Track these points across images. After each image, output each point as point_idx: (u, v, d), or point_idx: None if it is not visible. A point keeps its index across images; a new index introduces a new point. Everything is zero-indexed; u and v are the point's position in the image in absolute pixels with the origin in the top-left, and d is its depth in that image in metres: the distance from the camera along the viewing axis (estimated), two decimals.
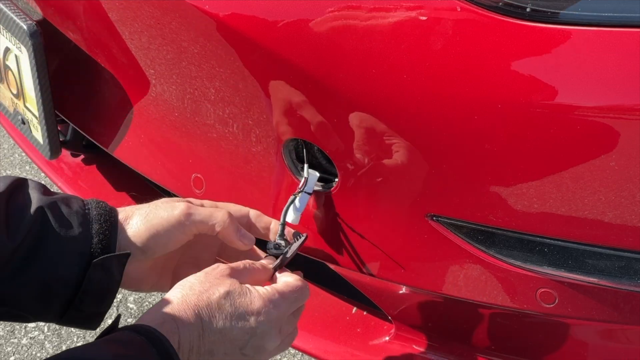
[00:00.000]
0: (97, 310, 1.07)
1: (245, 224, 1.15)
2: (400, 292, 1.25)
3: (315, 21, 1.05)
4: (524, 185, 1.03)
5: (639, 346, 1.22)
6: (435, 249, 1.13)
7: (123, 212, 1.10)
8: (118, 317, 1.01)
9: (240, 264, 1.07)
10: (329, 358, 1.34)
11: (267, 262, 1.11)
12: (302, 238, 1.12)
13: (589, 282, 1.08)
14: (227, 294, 1.01)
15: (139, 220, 1.08)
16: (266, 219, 1.15)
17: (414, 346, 1.32)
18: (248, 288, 1.03)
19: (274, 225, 1.15)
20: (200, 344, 0.98)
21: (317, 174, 1.15)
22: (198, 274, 1.03)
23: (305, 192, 1.15)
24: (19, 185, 1.07)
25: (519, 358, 1.28)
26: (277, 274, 1.10)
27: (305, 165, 1.16)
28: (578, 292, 1.09)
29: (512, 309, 1.14)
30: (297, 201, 1.15)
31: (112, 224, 1.07)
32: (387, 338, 1.35)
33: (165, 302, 0.99)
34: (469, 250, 1.11)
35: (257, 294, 1.03)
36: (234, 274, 1.04)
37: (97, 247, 1.05)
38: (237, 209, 1.15)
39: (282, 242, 1.13)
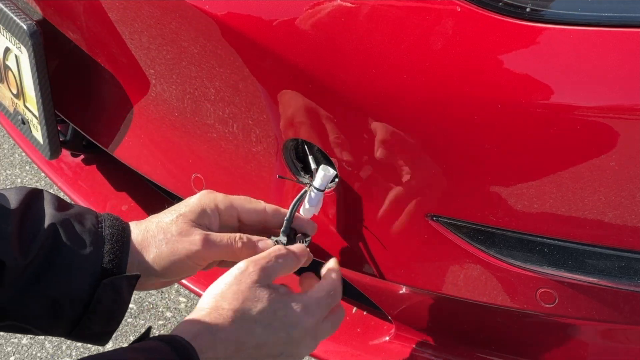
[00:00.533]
0: (106, 329, 1.07)
1: (261, 219, 1.14)
2: (400, 292, 1.25)
3: (315, 21, 1.05)
4: (524, 185, 1.03)
5: (639, 346, 1.22)
6: (435, 249, 1.13)
7: (138, 232, 1.09)
8: (149, 328, 1.02)
9: (265, 259, 1.05)
10: (328, 358, 1.34)
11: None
12: (307, 242, 1.12)
13: (589, 282, 1.08)
14: (264, 310, 1.02)
15: (154, 253, 1.08)
16: (283, 212, 1.14)
17: (414, 346, 1.32)
18: (285, 298, 1.04)
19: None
20: (237, 358, 0.99)
21: (333, 172, 1.12)
22: (228, 279, 1.03)
23: (313, 186, 1.13)
24: (33, 198, 1.06)
25: (519, 358, 1.28)
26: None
27: (310, 157, 1.14)
28: (578, 292, 1.09)
29: (512, 309, 1.14)
30: (310, 198, 1.13)
31: (124, 244, 1.06)
32: (387, 338, 1.34)
33: (200, 315, 1.00)
34: (469, 250, 1.11)
35: (294, 304, 1.04)
36: (263, 277, 1.04)
37: (107, 267, 1.04)
38: (252, 206, 1.14)
39: (284, 240, 1.12)
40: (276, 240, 1.12)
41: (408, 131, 1.05)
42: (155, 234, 1.09)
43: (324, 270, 1.12)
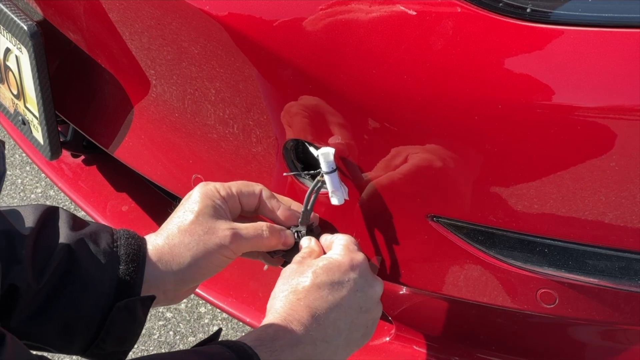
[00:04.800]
0: (120, 349, 1.06)
1: (254, 205, 1.15)
2: (401, 292, 1.25)
3: (316, 22, 1.05)
4: (525, 185, 1.03)
5: (639, 346, 1.22)
6: (435, 250, 1.13)
7: (162, 243, 1.07)
8: (219, 331, 1.03)
9: (300, 258, 1.10)
10: None
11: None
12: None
13: (589, 283, 1.08)
14: (315, 273, 1.04)
15: (189, 258, 1.07)
16: (274, 202, 1.15)
17: (414, 347, 1.32)
18: (327, 257, 1.07)
19: (282, 211, 1.14)
20: (321, 328, 1.01)
21: (331, 150, 1.10)
22: (278, 282, 1.07)
23: (325, 172, 1.11)
24: (49, 218, 1.05)
25: (519, 358, 1.28)
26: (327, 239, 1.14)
27: (311, 148, 1.14)
28: (578, 293, 1.09)
29: (512, 309, 1.14)
30: (328, 184, 1.12)
31: (139, 264, 1.05)
32: (387, 338, 1.35)
33: (266, 316, 1.02)
34: (469, 250, 1.11)
35: (336, 256, 1.07)
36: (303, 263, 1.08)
37: (122, 289, 1.03)
38: (249, 190, 1.14)
39: (304, 230, 1.14)
40: (296, 231, 1.14)
41: (408, 131, 1.05)
42: (183, 239, 1.07)
43: (323, 238, 1.15)
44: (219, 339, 1.01)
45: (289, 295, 1.03)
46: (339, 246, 1.10)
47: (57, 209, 1.07)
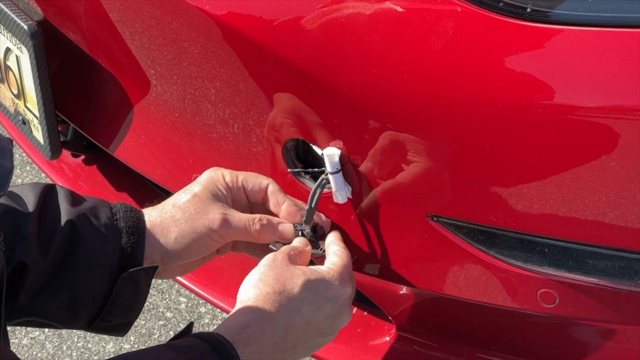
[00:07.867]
0: (125, 320, 1.08)
1: (261, 198, 1.15)
2: (401, 292, 1.25)
3: (316, 22, 1.05)
4: (525, 185, 1.03)
5: (639, 346, 1.22)
6: (435, 250, 1.13)
7: (155, 215, 1.09)
8: (191, 324, 1.03)
9: (290, 250, 1.08)
10: (329, 358, 1.34)
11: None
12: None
13: (589, 283, 1.08)
14: (306, 288, 1.03)
15: (176, 232, 1.09)
16: (280, 197, 1.15)
17: (414, 346, 1.32)
18: (321, 274, 1.05)
19: (285, 207, 1.14)
20: (286, 340, 1.00)
21: (337, 151, 1.10)
22: (262, 268, 1.04)
23: (330, 173, 1.11)
24: (48, 195, 1.07)
25: (519, 358, 1.28)
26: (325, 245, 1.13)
27: (315, 147, 1.14)
28: (578, 293, 1.09)
29: (512, 309, 1.14)
30: (332, 184, 1.12)
31: (139, 235, 1.07)
32: (387, 338, 1.35)
33: (245, 306, 1.00)
34: (469, 250, 1.11)
35: (331, 278, 1.05)
36: (292, 261, 1.06)
37: (125, 260, 1.05)
38: (256, 181, 1.14)
39: (307, 228, 1.14)
40: (300, 230, 1.14)
41: (409, 131, 1.05)
42: (174, 214, 1.10)
43: (329, 239, 1.14)
44: (192, 332, 1.01)
45: (273, 295, 1.01)
46: (333, 266, 1.08)
47: (54, 186, 1.09)
